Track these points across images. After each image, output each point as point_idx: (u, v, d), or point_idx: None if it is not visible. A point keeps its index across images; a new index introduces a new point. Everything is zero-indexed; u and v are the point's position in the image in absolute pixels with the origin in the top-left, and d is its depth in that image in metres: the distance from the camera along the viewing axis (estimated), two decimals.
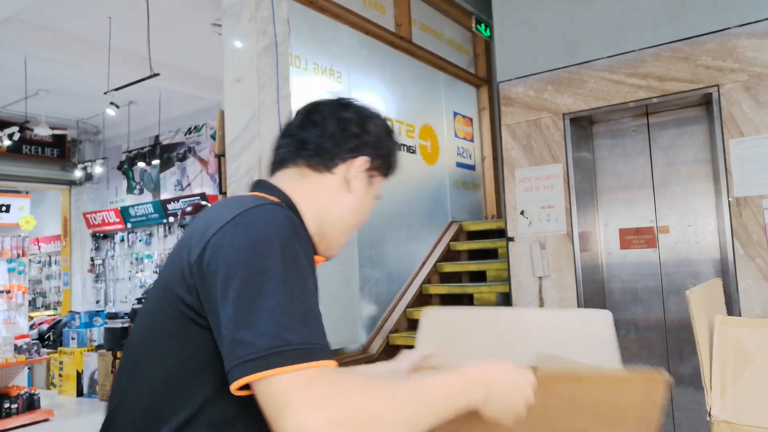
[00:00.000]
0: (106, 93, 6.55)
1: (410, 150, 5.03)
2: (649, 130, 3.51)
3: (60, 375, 6.27)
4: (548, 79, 3.52)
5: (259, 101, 3.25)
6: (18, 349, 4.97)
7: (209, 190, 8.58)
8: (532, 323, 1.23)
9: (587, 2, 3.44)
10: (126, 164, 9.92)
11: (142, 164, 9.51)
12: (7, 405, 4.72)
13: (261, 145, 3.20)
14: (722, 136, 2.99)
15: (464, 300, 4.87)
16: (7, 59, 6.85)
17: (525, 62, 3.62)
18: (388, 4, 4.88)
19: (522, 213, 3.56)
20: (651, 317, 3.43)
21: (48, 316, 8.59)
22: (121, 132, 9.54)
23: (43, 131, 7.73)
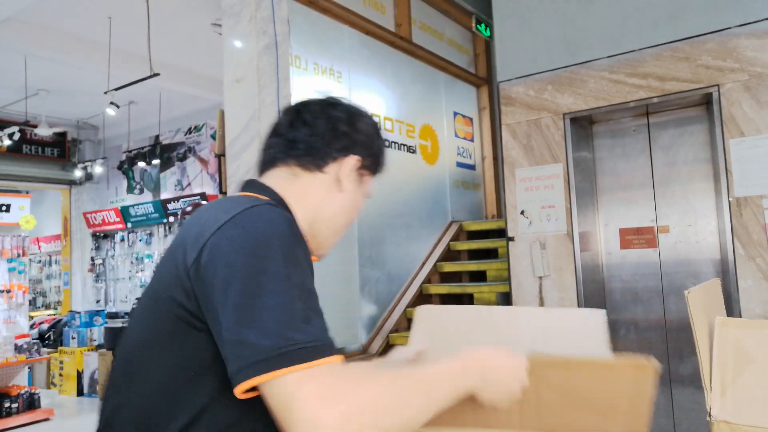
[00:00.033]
0: (106, 93, 6.55)
1: (410, 150, 5.02)
2: (649, 129, 3.51)
3: (60, 374, 6.27)
4: (548, 79, 3.52)
5: (259, 101, 3.25)
6: (18, 349, 4.97)
7: (209, 189, 8.58)
8: (525, 321, 1.24)
9: (587, 2, 3.44)
10: (126, 164, 9.93)
11: (142, 164, 9.52)
12: (7, 404, 4.72)
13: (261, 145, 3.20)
14: (722, 136, 2.99)
15: (464, 300, 4.87)
16: (7, 59, 6.85)
17: (525, 62, 3.62)
18: (388, 4, 4.88)
19: (522, 213, 3.56)
20: (651, 317, 3.43)
21: (48, 315, 8.58)
22: (121, 132, 9.54)
23: (43, 131, 7.73)
